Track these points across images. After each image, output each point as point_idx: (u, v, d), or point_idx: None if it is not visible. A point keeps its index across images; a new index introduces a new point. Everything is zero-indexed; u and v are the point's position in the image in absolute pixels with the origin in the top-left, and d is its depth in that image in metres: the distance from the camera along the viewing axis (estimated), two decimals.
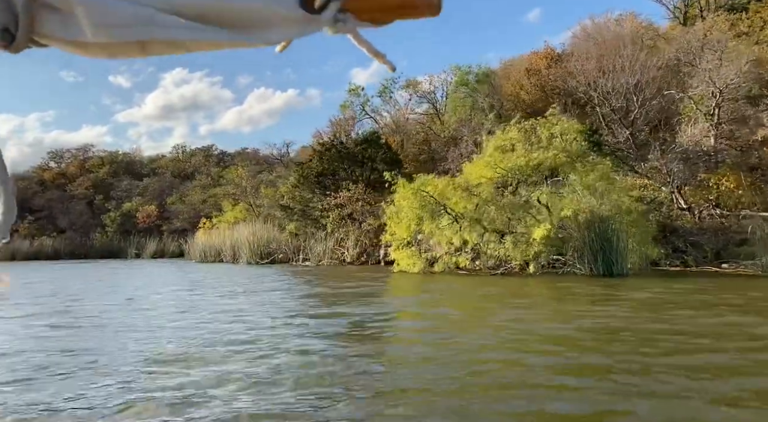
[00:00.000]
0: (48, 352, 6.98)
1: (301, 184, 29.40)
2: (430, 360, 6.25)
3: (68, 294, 15.39)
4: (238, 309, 10.90)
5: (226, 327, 8.63)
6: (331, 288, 15.33)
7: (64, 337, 8.20)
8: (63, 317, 10.46)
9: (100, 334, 8.48)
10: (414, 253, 18.35)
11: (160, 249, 51.58)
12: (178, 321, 9.46)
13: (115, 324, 9.46)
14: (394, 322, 9.59)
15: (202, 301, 12.71)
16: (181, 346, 7.21)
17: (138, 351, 6.91)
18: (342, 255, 26.97)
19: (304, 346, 7.04)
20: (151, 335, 8.18)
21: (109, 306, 12.03)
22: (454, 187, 18.00)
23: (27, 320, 10.16)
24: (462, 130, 25.84)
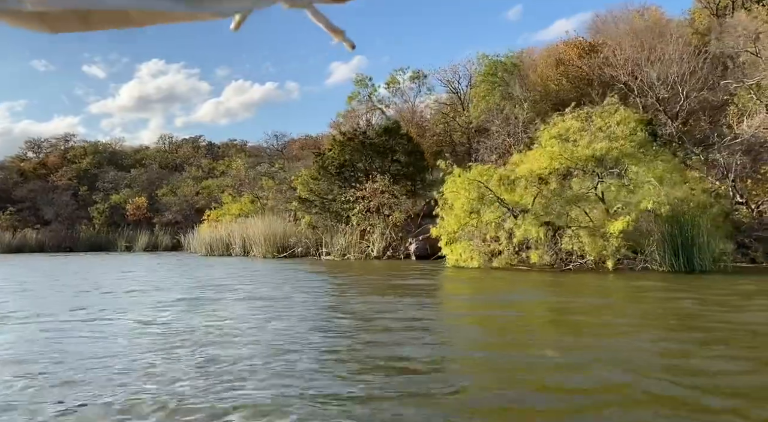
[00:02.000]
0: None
1: (321, 175, 27.87)
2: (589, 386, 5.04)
3: (103, 299, 13.72)
4: (362, 314, 9.52)
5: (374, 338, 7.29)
6: (397, 285, 14.02)
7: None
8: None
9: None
10: (472, 247, 17.13)
11: (152, 243, 49.35)
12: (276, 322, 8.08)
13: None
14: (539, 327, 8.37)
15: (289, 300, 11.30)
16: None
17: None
18: (367, 249, 25.63)
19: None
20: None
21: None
22: (511, 177, 16.84)
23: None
24: (493, 121, 24.69)
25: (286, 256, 28.02)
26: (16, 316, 9.49)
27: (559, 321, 8.65)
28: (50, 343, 6.96)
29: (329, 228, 27.39)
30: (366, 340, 6.99)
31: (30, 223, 54.29)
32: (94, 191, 57.98)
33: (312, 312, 9.49)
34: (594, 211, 16.58)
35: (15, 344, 7.13)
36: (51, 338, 7.32)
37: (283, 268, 20.71)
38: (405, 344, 6.55)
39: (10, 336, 7.70)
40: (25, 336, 7.61)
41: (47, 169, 64.09)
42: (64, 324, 8.42)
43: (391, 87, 37.61)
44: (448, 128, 28.94)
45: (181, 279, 17.06)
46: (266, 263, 24.17)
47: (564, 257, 16.11)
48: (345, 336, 7.26)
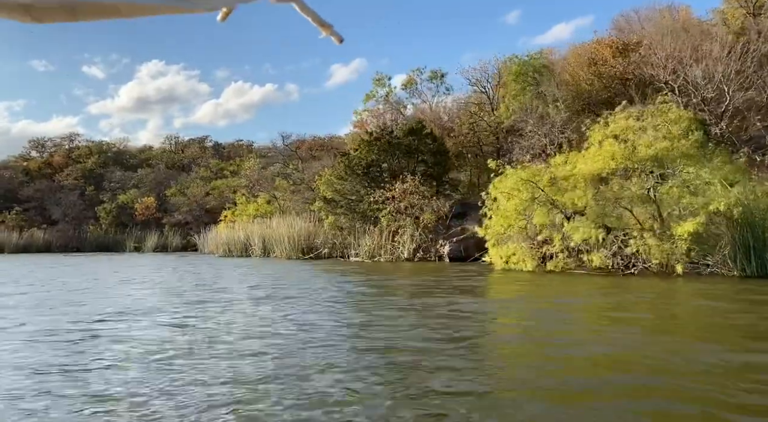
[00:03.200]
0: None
1: (347, 175, 27.01)
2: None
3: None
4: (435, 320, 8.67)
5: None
6: (469, 292, 13.18)
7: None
8: None
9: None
10: (524, 249, 16.31)
11: (161, 243, 48.32)
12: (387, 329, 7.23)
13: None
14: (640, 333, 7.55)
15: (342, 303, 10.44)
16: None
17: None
18: (396, 251, 24.78)
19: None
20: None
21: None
22: (569, 178, 16.06)
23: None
24: (527, 120, 23.90)
25: (312, 257, 27.13)
26: (143, 311, 9.61)
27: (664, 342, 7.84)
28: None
29: (355, 230, 26.54)
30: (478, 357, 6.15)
31: (36, 223, 53.13)
32: (100, 191, 56.90)
33: (419, 321, 8.65)
34: (644, 213, 15.84)
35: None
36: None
37: (319, 270, 19.82)
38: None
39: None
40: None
41: (52, 169, 62.96)
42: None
43: (409, 87, 36.90)
44: (476, 128, 28.11)
45: (251, 278, 16.18)
46: (295, 265, 23.26)
47: (625, 260, 15.31)
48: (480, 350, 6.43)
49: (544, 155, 22.87)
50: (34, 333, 7.56)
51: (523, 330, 8.07)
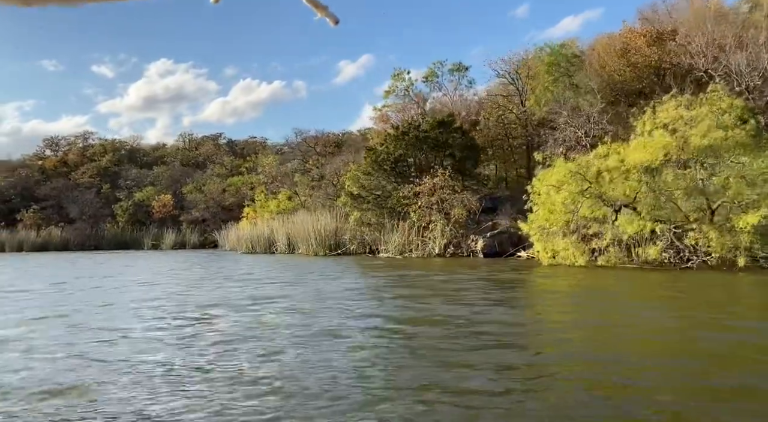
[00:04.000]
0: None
1: (375, 170, 26.42)
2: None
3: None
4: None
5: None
6: (532, 290, 12.61)
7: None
8: None
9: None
10: (574, 244, 15.70)
11: (180, 240, 47.89)
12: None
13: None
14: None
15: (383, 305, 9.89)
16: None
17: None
18: (427, 246, 24.19)
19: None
20: None
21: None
22: (621, 169, 15.43)
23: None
24: (561, 112, 23.21)
25: (339, 254, 26.58)
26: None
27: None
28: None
29: (383, 225, 25.96)
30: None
31: (53, 221, 52.80)
32: (116, 189, 56.51)
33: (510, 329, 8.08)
34: (692, 205, 15.20)
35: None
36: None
37: (358, 267, 19.29)
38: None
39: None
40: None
41: (68, 167, 62.64)
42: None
43: (430, 80, 36.22)
44: (505, 120, 27.43)
45: (309, 275, 15.67)
46: (330, 262, 22.73)
47: (681, 254, 14.69)
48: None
49: (579, 147, 22.23)
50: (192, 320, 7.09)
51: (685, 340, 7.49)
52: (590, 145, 21.78)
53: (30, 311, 9.70)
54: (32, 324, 8.26)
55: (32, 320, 8.70)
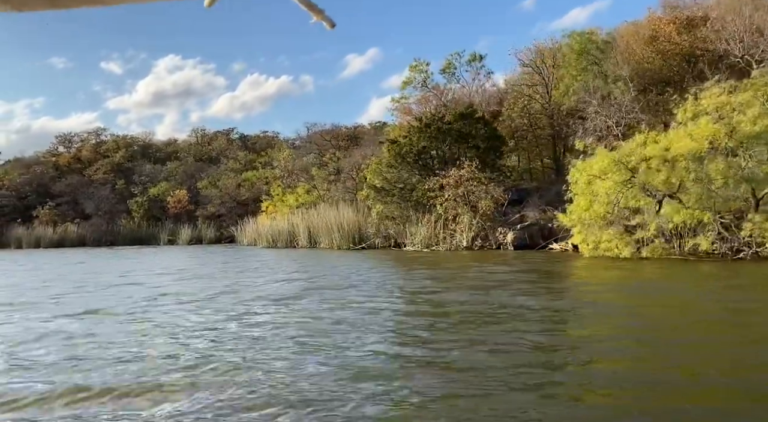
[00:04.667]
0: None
1: (398, 163, 25.90)
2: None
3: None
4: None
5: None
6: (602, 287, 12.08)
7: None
8: None
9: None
10: (618, 235, 15.15)
11: (196, 236, 47.59)
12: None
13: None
14: None
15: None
16: None
17: None
18: (454, 239, 23.69)
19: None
20: None
21: None
22: (666, 158, 14.84)
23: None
24: (590, 102, 22.58)
25: (364, 247, 26.12)
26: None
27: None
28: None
29: (407, 218, 25.46)
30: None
31: (69, 218, 52.64)
32: (130, 184, 56.25)
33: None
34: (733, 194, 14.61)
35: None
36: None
37: (395, 261, 18.82)
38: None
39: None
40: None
41: (82, 164, 62.47)
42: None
43: (447, 71, 35.62)
44: (530, 111, 26.81)
45: (344, 269, 15.23)
46: (356, 256, 22.28)
47: (732, 244, 14.12)
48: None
49: (611, 137, 21.62)
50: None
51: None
52: (622, 134, 21.23)
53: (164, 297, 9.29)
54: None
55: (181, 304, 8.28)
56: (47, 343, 6.55)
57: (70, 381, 4.90)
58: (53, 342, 6.63)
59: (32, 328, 7.56)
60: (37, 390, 4.70)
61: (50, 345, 6.42)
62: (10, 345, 6.52)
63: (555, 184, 25.51)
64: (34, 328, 7.55)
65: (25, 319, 8.41)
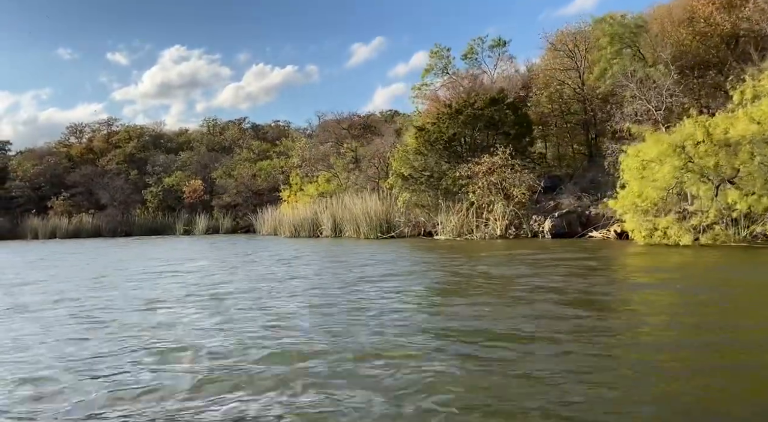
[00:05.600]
0: None
1: (427, 150, 25.17)
2: None
3: None
4: None
5: None
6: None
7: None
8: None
9: None
10: (678, 221, 14.43)
11: (212, 225, 47.01)
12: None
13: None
14: None
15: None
16: None
17: None
18: (487, 228, 23.01)
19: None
20: None
21: None
22: (717, 143, 14.10)
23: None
24: (627, 86, 21.75)
25: (393, 236, 25.47)
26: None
27: None
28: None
29: (437, 207, 24.78)
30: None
31: (84, 208, 52.13)
32: (144, 175, 55.62)
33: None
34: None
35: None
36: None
37: (446, 251, 18.15)
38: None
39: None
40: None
41: (94, 154, 61.87)
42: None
43: (469, 57, 34.78)
44: (563, 96, 25.98)
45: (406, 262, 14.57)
46: (390, 245, 21.62)
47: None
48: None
49: (651, 121, 20.84)
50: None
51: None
52: (663, 118, 20.46)
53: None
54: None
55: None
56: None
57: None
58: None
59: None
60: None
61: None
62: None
63: (588, 171, 24.80)
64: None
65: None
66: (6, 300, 9.36)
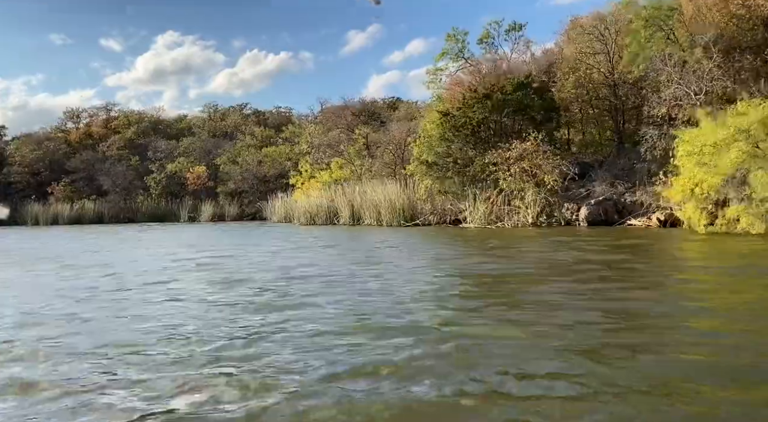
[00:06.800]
0: None
1: (454, 135, 24.18)
2: None
3: None
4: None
5: None
6: None
7: None
8: None
9: None
10: (751, 209, 13.60)
11: (218, 212, 45.85)
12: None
13: None
14: None
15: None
16: None
17: None
18: (518, 215, 22.16)
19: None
20: None
21: None
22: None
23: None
24: (662, 70, 20.86)
25: (418, 224, 24.55)
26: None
27: None
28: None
29: (462, 194, 23.86)
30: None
31: (85, 194, 50.69)
32: (145, 161, 54.15)
33: None
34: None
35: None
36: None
37: (497, 240, 17.26)
38: None
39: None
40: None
41: (93, 140, 60.22)
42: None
43: (485, 41, 33.76)
44: (593, 81, 25.01)
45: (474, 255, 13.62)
46: (421, 232, 20.70)
47: None
48: None
49: (690, 106, 19.99)
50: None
51: None
52: (705, 102, 19.61)
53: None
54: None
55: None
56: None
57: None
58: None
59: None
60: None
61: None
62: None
63: (618, 157, 23.97)
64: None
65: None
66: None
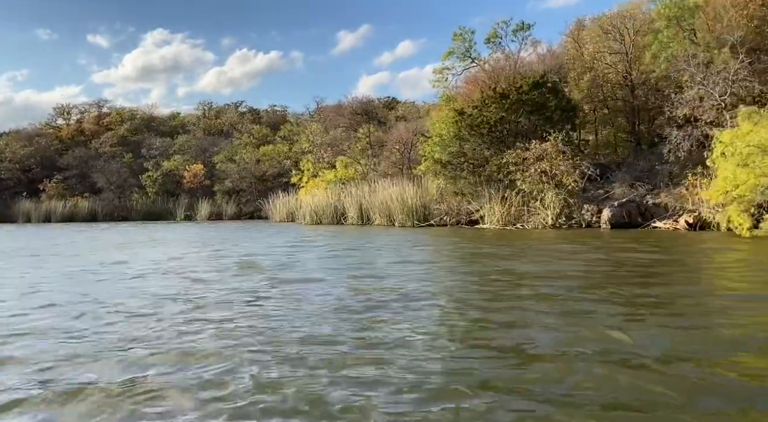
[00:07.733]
0: None
1: (469, 135, 23.45)
2: None
3: None
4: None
5: None
6: None
7: None
8: None
9: None
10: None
11: (215, 211, 44.74)
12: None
13: None
14: None
15: None
16: None
17: None
18: (537, 217, 21.47)
19: None
20: None
21: None
22: None
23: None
24: (685, 70, 20.30)
25: (432, 225, 23.77)
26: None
27: None
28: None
29: (479, 194, 23.14)
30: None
31: (78, 191, 49.26)
32: (138, 158, 52.85)
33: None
34: None
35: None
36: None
37: (537, 242, 16.51)
38: None
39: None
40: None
41: (85, 136, 58.72)
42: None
43: (492, 41, 33.13)
44: (611, 81, 24.43)
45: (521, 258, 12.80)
46: (440, 233, 19.92)
47: None
48: None
49: (715, 108, 19.48)
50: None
51: None
52: (731, 104, 19.10)
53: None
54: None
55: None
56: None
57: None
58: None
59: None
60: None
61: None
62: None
63: (638, 159, 23.39)
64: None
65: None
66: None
